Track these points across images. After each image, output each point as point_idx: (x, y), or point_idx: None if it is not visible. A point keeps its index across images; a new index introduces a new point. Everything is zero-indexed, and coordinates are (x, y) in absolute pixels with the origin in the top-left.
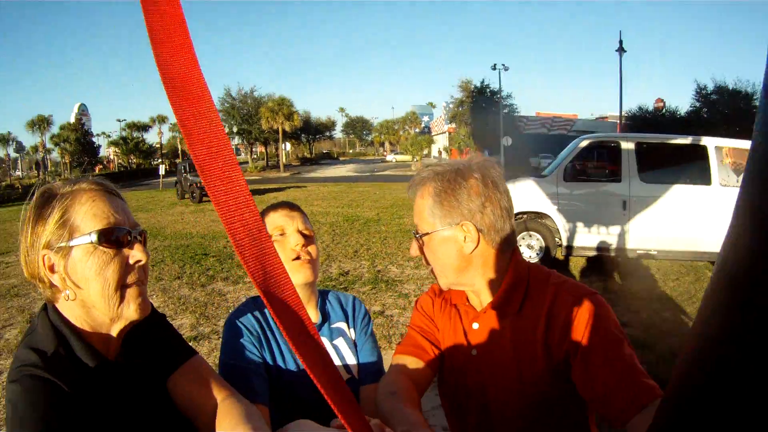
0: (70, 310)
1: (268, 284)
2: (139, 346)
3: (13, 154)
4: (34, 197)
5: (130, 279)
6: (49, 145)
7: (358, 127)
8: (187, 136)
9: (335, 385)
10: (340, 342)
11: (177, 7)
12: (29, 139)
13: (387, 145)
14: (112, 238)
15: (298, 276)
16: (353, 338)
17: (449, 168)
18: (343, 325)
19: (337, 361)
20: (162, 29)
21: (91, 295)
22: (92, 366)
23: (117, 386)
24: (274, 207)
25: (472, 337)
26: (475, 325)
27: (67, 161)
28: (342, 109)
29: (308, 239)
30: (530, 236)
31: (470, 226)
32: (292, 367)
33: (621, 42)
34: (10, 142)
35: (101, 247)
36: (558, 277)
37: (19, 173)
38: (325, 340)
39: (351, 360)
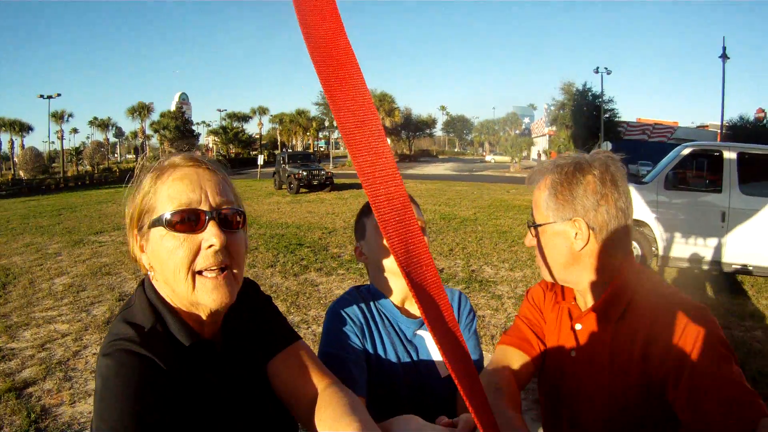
0: (162, 288)
1: (410, 264)
2: (240, 328)
3: (112, 139)
4: (134, 175)
5: (202, 264)
6: (148, 132)
7: (458, 126)
8: (332, 102)
9: (469, 376)
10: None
11: None
12: (129, 125)
13: (486, 145)
14: (180, 221)
15: (397, 292)
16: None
17: (570, 161)
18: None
19: (436, 358)
20: None
21: (167, 278)
22: (188, 344)
23: (214, 367)
24: None
25: (574, 338)
26: (578, 326)
27: (166, 148)
28: (443, 108)
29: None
30: None
31: (582, 223)
32: (393, 359)
33: (724, 48)
34: (110, 127)
35: (170, 231)
36: (668, 287)
37: (117, 157)
38: (428, 336)
39: None
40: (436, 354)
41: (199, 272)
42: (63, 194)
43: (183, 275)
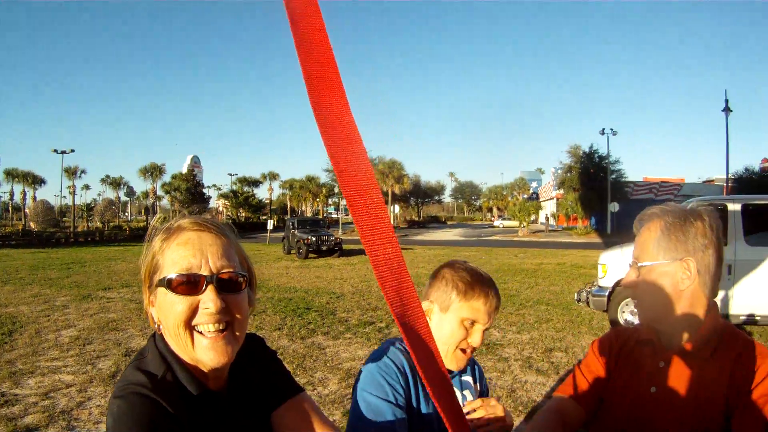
0: (169, 340)
1: (406, 316)
2: (245, 380)
3: (123, 198)
4: (149, 234)
5: (199, 320)
6: (159, 192)
7: (467, 191)
8: (339, 174)
9: (459, 420)
10: (467, 394)
11: (329, 50)
12: (140, 185)
13: (495, 210)
14: (180, 284)
15: (450, 363)
16: (478, 391)
17: (678, 208)
18: (470, 378)
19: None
20: (316, 72)
21: (170, 332)
22: (195, 394)
23: (220, 416)
24: (491, 287)
25: (655, 375)
26: (662, 364)
27: (177, 209)
28: (452, 174)
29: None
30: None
31: (691, 263)
32: (430, 412)
33: (727, 101)
34: (122, 186)
35: (171, 293)
36: (743, 331)
37: (127, 216)
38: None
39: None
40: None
41: (197, 328)
42: (72, 248)
43: (182, 330)
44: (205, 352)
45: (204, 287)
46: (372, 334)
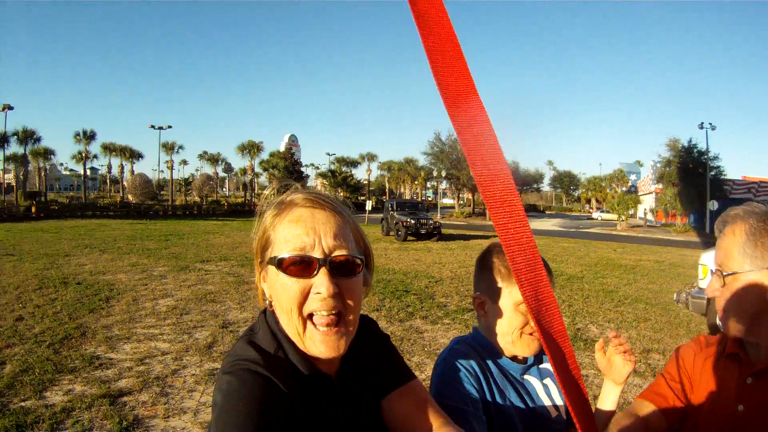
0: (281, 318)
1: (540, 311)
2: (357, 363)
3: (221, 174)
4: (260, 208)
5: (312, 307)
6: (257, 170)
7: (565, 181)
8: (469, 155)
9: (588, 420)
10: (548, 382)
11: (448, 25)
12: (238, 162)
13: (593, 201)
14: (292, 265)
15: (521, 350)
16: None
17: (763, 209)
18: (549, 366)
19: (546, 401)
20: (435, 46)
21: (282, 313)
22: (306, 374)
23: (330, 398)
24: None
25: (742, 392)
26: (749, 380)
27: (275, 186)
28: (550, 162)
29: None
30: None
31: None
32: (508, 406)
33: None
34: (220, 162)
35: (282, 273)
36: None
37: (225, 191)
38: (535, 380)
39: (558, 401)
40: (545, 397)
41: (311, 316)
42: (170, 221)
43: (295, 315)
44: (315, 345)
45: (316, 270)
46: (471, 321)
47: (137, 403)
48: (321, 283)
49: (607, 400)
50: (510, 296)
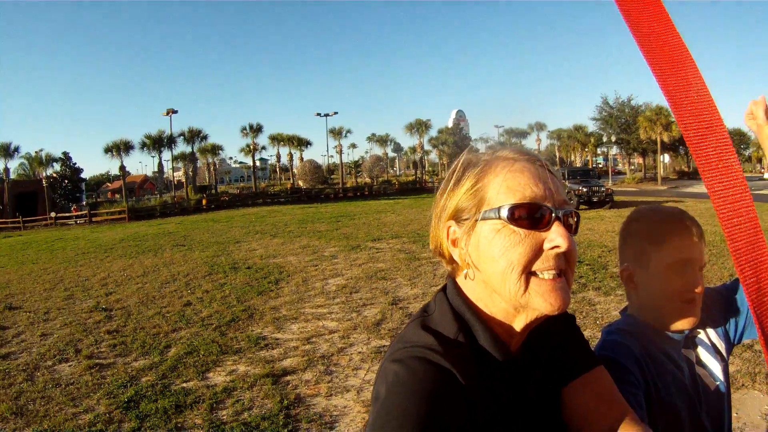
0: (473, 291)
1: (763, 296)
2: (542, 345)
3: (391, 154)
4: (454, 168)
5: (540, 265)
6: (427, 147)
7: (735, 140)
8: (675, 109)
9: None
10: (701, 351)
11: None
12: (406, 141)
13: (765, 161)
14: (524, 215)
15: (682, 322)
16: (724, 348)
17: None
18: (706, 337)
19: (701, 371)
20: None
21: (491, 276)
22: (496, 359)
23: (513, 386)
24: (681, 221)
25: None
26: None
27: (445, 162)
28: None
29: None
30: None
31: None
32: (670, 386)
33: None
34: (389, 143)
35: (510, 225)
36: None
37: (395, 171)
38: (689, 352)
39: (715, 370)
40: (701, 369)
41: (533, 273)
42: (341, 203)
43: (516, 275)
44: (542, 296)
45: (551, 222)
46: None
47: (300, 382)
48: (559, 234)
49: None
50: (661, 260)
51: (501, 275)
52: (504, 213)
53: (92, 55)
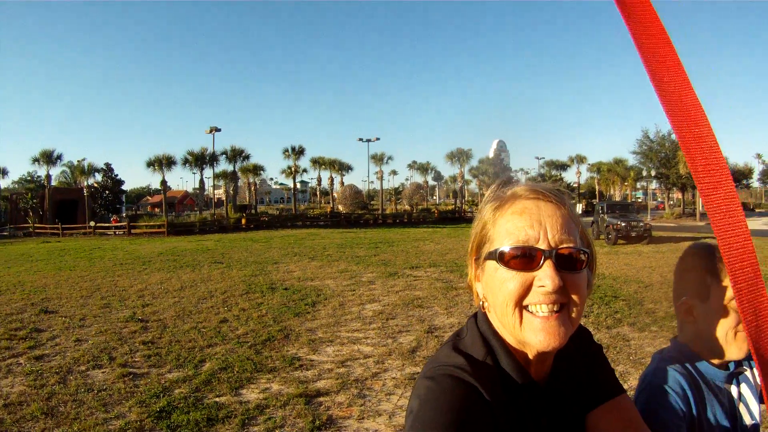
0: (494, 320)
1: (762, 340)
2: (568, 373)
3: (431, 182)
4: (480, 204)
5: (531, 299)
6: (467, 176)
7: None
8: (690, 161)
9: None
10: (744, 389)
11: (661, 28)
12: (447, 170)
13: None
14: (515, 257)
15: (736, 352)
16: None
17: None
18: (749, 373)
19: (742, 408)
20: (650, 48)
21: (497, 309)
22: (518, 383)
23: (536, 409)
24: None
25: None
26: None
27: (484, 192)
28: (759, 155)
29: None
30: None
31: None
32: (712, 421)
33: None
34: (429, 171)
35: (504, 266)
36: None
37: (435, 199)
38: (734, 387)
39: (753, 408)
40: (742, 406)
41: (526, 308)
42: (380, 229)
43: (511, 308)
44: (535, 333)
45: (541, 262)
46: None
47: (333, 403)
48: (546, 275)
49: None
50: (722, 293)
51: (501, 309)
52: (498, 255)
53: (141, 70)
